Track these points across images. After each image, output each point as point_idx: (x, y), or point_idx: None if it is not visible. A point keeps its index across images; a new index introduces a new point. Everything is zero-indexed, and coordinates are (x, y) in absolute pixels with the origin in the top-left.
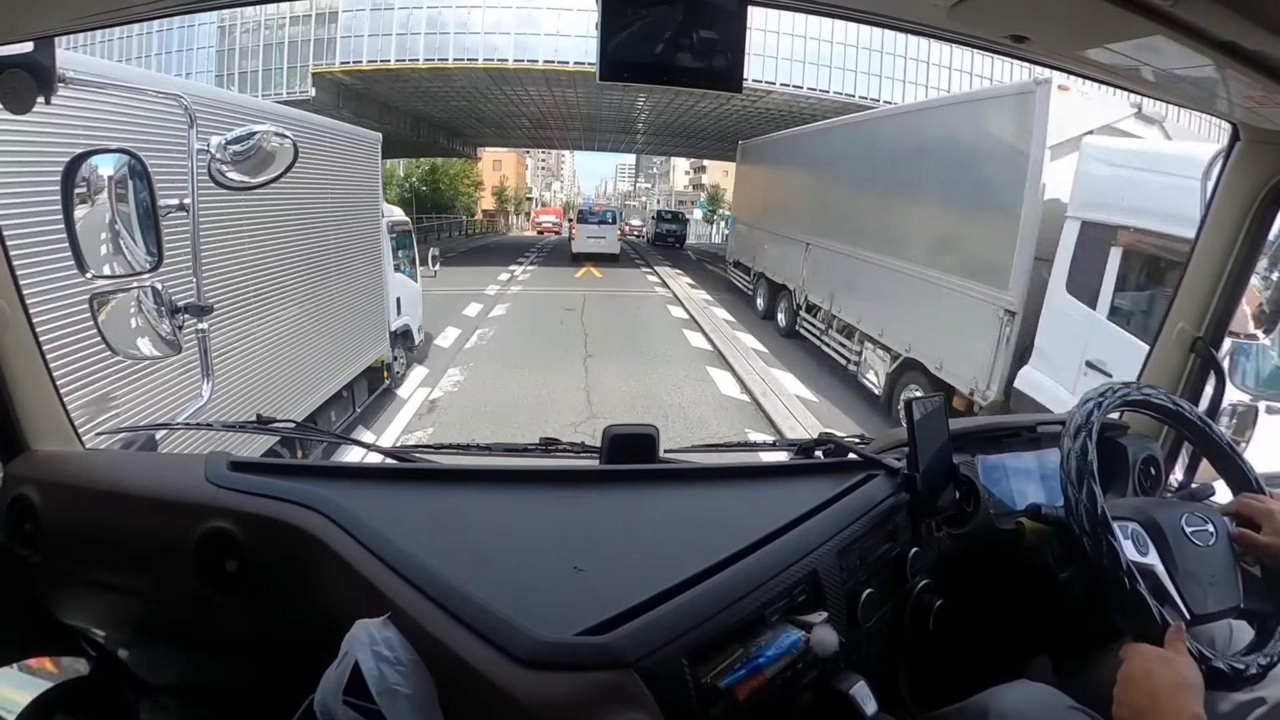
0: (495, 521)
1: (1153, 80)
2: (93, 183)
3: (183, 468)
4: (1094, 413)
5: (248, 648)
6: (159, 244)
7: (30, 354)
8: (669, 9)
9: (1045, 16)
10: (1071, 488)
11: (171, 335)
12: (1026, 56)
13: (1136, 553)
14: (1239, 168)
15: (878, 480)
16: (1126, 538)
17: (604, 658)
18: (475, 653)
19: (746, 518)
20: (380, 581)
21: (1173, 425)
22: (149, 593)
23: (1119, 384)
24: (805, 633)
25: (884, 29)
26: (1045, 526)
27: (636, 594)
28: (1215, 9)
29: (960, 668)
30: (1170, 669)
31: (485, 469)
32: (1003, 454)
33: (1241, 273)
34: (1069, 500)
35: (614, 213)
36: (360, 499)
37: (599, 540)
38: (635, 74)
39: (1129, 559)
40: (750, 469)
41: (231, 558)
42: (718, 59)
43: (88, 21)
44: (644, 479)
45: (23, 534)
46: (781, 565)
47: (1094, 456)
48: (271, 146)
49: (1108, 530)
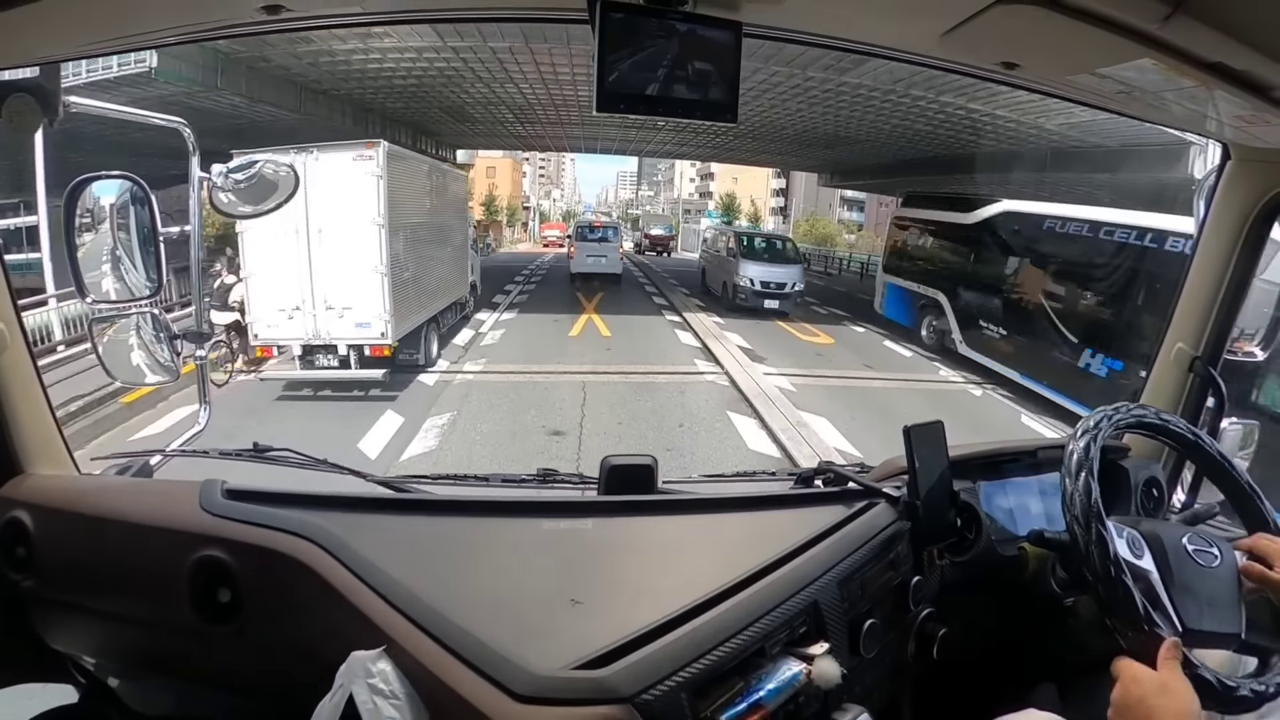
0: (492, 553)
1: (1141, 103)
2: (95, 209)
3: (177, 494)
4: (1095, 437)
5: (240, 678)
6: (159, 270)
7: (27, 377)
8: (665, 42)
9: (1034, 43)
10: (1074, 513)
11: (170, 361)
12: (1017, 83)
13: (1130, 554)
14: (1231, 186)
15: (878, 509)
16: (1120, 537)
17: (602, 692)
18: (471, 687)
19: (746, 548)
20: (375, 613)
21: (1173, 446)
22: (141, 621)
23: (1119, 407)
24: (807, 665)
25: (876, 58)
26: (1048, 551)
27: (635, 627)
28: (1202, 31)
29: (965, 697)
30: (1166, 695)
31: (482, 500)
32: (1003, 479)
33: (1237, 291)
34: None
35: (615, 229)
36: (356, 529)
37: (596, 572)
38: (632, 105)
39: (1120, 554)
40: (750, 499)
41: (225, 587)
42: (713, 90)
43: (91, 49)
44: (642, 510)
45: (14, 558)
46: (782, 596)
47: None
48: (272, 175)
49: (1099, 520)
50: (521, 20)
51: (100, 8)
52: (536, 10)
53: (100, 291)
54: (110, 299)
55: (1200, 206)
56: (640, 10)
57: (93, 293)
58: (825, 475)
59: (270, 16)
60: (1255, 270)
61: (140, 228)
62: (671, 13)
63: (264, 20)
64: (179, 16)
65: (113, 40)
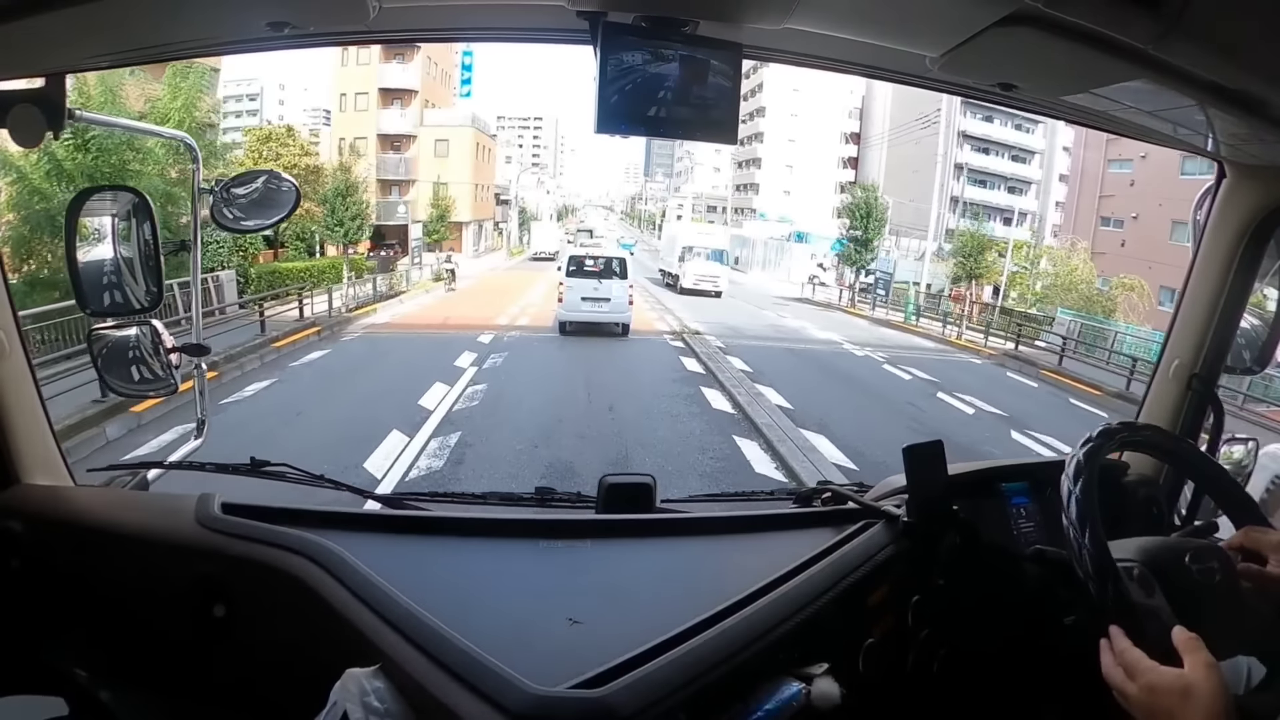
0: (489, 572)
1: (1137, 122)
2: (97, 219)
3: (173, 508)
4: (1093, 454)
5: (233, 694)
6: (160, 282)
7: (25, 386)
8: (665, 64)
9: (1030, 65)
10: (1075, 531)
11: (168, 374)
12: (1014, 104)
13: (1143, 595)
14: (1227, 203)
15: (877, 528)
16: (1132, 580)
17: (599, 712)
18: (466, 705)
19: (745, 568)
20: (371, 630)
21: (1172, 463)
22: (133, 634)
23: (1118, 424)
24: (806, 685)
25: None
26: (1049, 570)
27: (632, 647)
28: (1196, 50)
29: (966, 718)
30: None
31: (479, 519)
32: (1002, 498)
33: (1235, 307)
34: (1073, 545)
35: (623, 260)
36: (352, 546)
37: (594, 592)
38: (632, 127)
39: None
40: (748, 519)
41: (219, 602)
42: (714, 111)
43: (98, 61)
44: (640, 530)
45: (8, 568)
46: (781, 616)
47: (1095, 498)
48: (274, 189)
49: (1113, 576)
50: (523, 40)
51: (107, 21)
52: (538, 31)
53: (100, 303)
54: (110, 310)
55: (1197, 223)
56: (642, 32)
57: (92, 304)
58: (824, 495)
59: (275, 33)
60: (1252, 286)
61: (141, 240)
62: (673, 35)
63: (269, 36)
64: (185, 31)
65: (119, 53)
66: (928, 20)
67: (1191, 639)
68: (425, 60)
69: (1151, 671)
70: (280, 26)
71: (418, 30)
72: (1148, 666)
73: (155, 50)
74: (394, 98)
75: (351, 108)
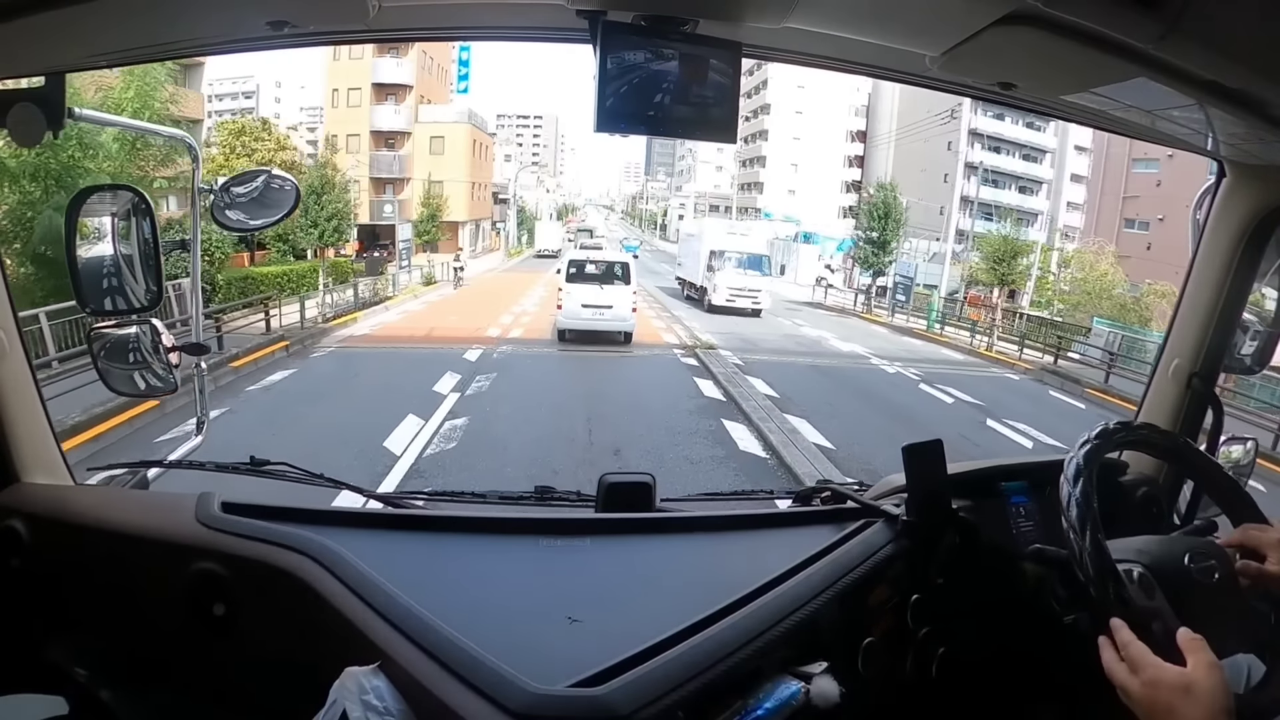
0: (488, 570)
1: (1137, 122)
2: (97, 218)
3: (173, 507)
4: (1093, 455)
5: (232, 692)
6: (159, 282)
7: (25, 385)
8: (665, 63)
9: (1030, 64)
10: (1074, 533)
11: (168, 373)
12: (1014, 103)
13: (1144, 597)
14: (1227, 203)
15: (876, 527)
16: (1132, 582)
17: (598, 710)
18: (466, 704)
19: (744, 567)
20: (370, 629)
21: (1172, 463)
22: (134, 633)
23: (1116, 424)
24: (805, 684)
25: (876, 79)
26: (1048, 569)
27: (632, 645)
28: (1196, 50)
29: (965, 717)
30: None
31: (479, 518)
32: (1002, 497)
33: (1235, 307)
34: (1072, 546)
35: (626, 265)
36: (352, 545)
37: (593, 590)
38: (632, 126)
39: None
40: (748, 518)
41: (219, 600)
42: (713, 110)
43: (98, 60)
44: (640, 528)
45: (8, 567)
46: (780, 615)
47: (1094, 499)
48: (274, 189)
49: (1113, 578)
50: (523, 39)
51: (107, 20)
52: (537, 30)
53: (100, 302)
54: (110, 309)
55: (1197, 222)
56: (641, 31)
57: (92, 302)
58: (823, 494)
59: (275, 32)
60: (1252, 286)
61: (141, 239)
62: (672, 34)
63: (269, 36)
64: (185, 31)
65: (119, 53)
66: (927, 19)
67: (1196, 639)
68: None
69: (1154, 667)
70: (280, 26)
71: (417, 29)
72: (1151, 662)
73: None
74: (388, 93)
75: (344, 103)
